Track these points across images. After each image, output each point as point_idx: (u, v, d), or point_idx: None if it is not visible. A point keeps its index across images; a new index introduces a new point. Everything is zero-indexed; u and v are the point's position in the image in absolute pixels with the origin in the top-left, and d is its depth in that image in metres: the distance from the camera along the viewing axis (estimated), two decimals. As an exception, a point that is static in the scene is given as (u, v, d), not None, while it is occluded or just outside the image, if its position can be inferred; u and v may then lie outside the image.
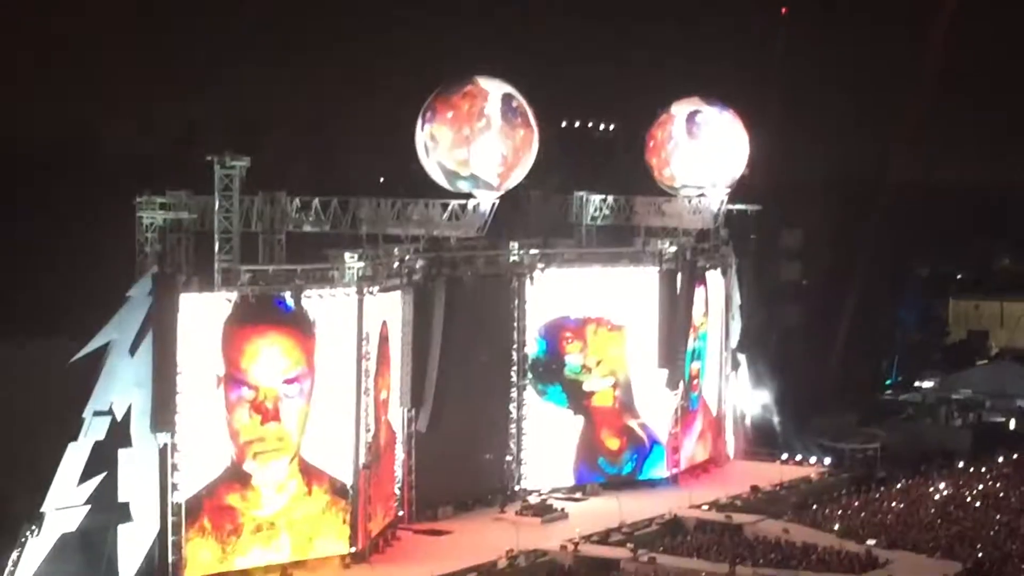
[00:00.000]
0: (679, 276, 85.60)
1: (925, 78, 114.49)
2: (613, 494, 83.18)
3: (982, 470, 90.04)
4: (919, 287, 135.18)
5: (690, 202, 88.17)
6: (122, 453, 64.46)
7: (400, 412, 76.37)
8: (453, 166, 73.67)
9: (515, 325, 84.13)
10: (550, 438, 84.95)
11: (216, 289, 67.47)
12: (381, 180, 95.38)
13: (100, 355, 65.18)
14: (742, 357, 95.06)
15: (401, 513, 77.28)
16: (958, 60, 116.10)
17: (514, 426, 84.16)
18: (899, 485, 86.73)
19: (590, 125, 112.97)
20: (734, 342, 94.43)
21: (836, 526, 76.54)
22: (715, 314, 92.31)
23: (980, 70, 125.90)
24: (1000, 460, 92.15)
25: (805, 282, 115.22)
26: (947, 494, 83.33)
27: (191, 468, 66.29)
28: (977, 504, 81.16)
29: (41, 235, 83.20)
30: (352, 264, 70.56)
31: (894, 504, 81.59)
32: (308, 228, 74.18)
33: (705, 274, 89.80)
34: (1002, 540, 73.15)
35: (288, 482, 69.22)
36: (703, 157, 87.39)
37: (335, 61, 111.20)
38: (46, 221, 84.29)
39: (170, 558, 65.72)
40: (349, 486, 70.52)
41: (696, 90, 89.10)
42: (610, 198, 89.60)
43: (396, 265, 74.38)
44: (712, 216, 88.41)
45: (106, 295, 67.04)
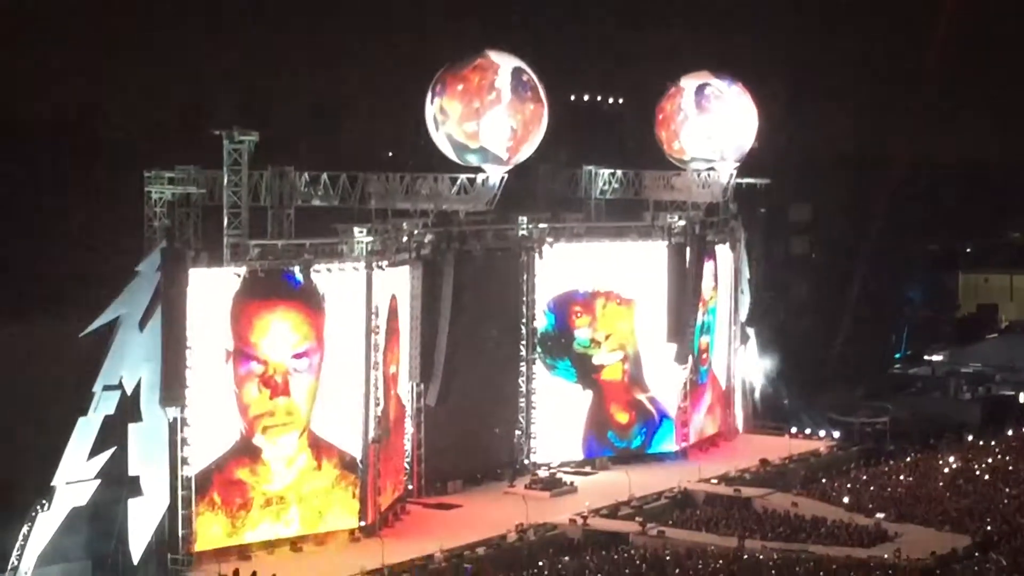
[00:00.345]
0: (688, 250, 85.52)
1: (935, 52, 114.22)
2: (622, 468, 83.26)
3: (991, 443, 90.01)
4: (928, 261, 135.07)
5: (699, 176, 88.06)
6: (132, 427, 64.62)
7: (409, 386, 76.47)
8: (462, 139, 73.61)
9: (524, 299, 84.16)
10: (559, 412, 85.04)
11: (225, 264, 67.51)
12: (390, 154, 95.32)
13: (110, 330, 65.29)
14: (751, 331, 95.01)
15: (410, 487, 77.45)
16: (969, 34, 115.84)
17: (523, 400, 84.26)
18: (908, 459, 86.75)
19: (599, 99, 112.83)
20: (743, 316, 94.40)
21: (845, 499, 76.56)
22: (724, 288, 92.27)
23: (991, 44, 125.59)
24: (1009, 433, 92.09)
25: (814, 256, 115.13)
26: (956, 467, 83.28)
27: (201, 442, 66.45)
28: (986, 477, 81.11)
29: (50, 210, 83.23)
30: (361, 239, 70.57)
31: (903, 477, 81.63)
32: (317, 203, 74.12)
33: (714, 248, 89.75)
34: (1011, 513, 73.11)
35: (297, 456, 69.33)
36: (712, 130, 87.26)
37: (344, 35, 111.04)
38: (55, 196, 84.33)
39: (180, 532, 65.96)
40: (358, 460, 70.63)
41: (706, 64, 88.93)
42: (619, 172, 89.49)
43: (405, 239, 74.37)
44: (721, 190, 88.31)
45: (115, 270, 67.12)
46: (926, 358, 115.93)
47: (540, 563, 66.87)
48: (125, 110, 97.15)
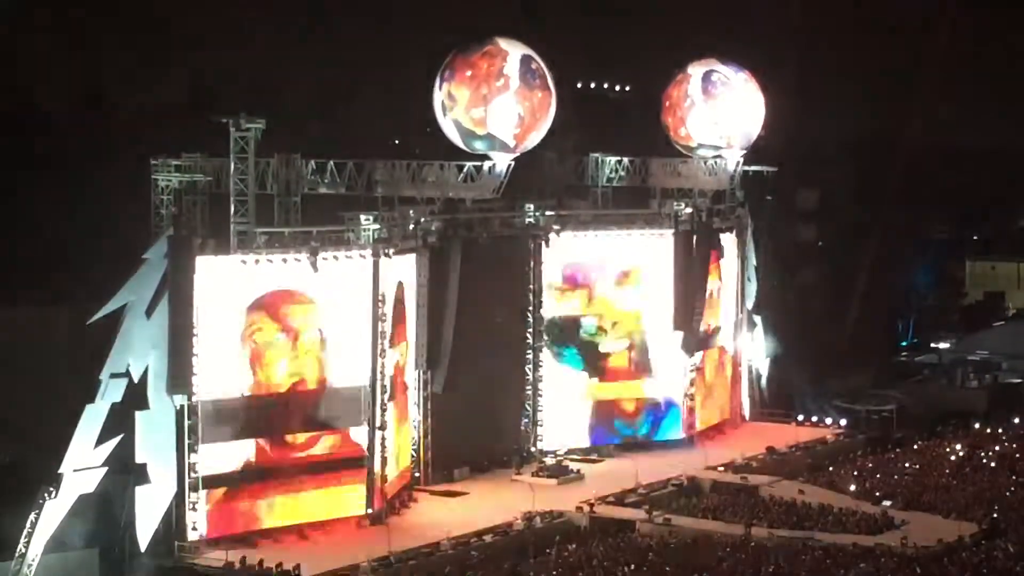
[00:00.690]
0: (695, 238, 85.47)
1: (943, 39, 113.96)
2: (629, 455, 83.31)
3: (998, 431, 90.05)
4: (935, 248, 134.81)
5: (706, 163, 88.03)
6: (139, 415, 64.66)
7: (416, 374, 76.48)
8: (470, 125, 73.55)
9: (530, 287, 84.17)
10: (566, 400, 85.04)
11: (232, 251, 67.54)
12: (396, 142, 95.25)
13: (117, 317, 65.32)
14: (758, 318, 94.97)
15: (417, 475, 77.50)
16: (976, 21, 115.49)
17: (530, 388, 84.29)
18: (915, 446, 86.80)
19: (605, 86, 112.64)
20: (750, 303, 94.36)
21: (852, 487, 76.61)
22: (731, 275, 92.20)
23: (998, 31, 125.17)
24: (1016, 421, 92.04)
25: (821, 243, 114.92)
26: (963, 455, 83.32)
27: (207, 429, 66.42)
28: (993, 465, 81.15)
29: (57, 198, 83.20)
30: (368, 226, 70.56)
31: (910, 465, 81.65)
32: (323, 190, 74.15)
33: (720, 237, 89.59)
34: (1018, 501, 73.18)
35: (306, 444, 69.41)
36: (719, 116, 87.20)
37: (351, 22, 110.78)
38: (62, 184, 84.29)
39: (187, 519, 66.02)
40: (365, 447, 70.68)
41: (713, 51, 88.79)
42: (625, 159, 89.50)
43: (412, 227, 74.38)
44: (728, 177, 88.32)
45: (122, 257, 67.12)
46: (933, 346, 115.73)
47: (547, 551, 66.98)
48: (131, 98, 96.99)
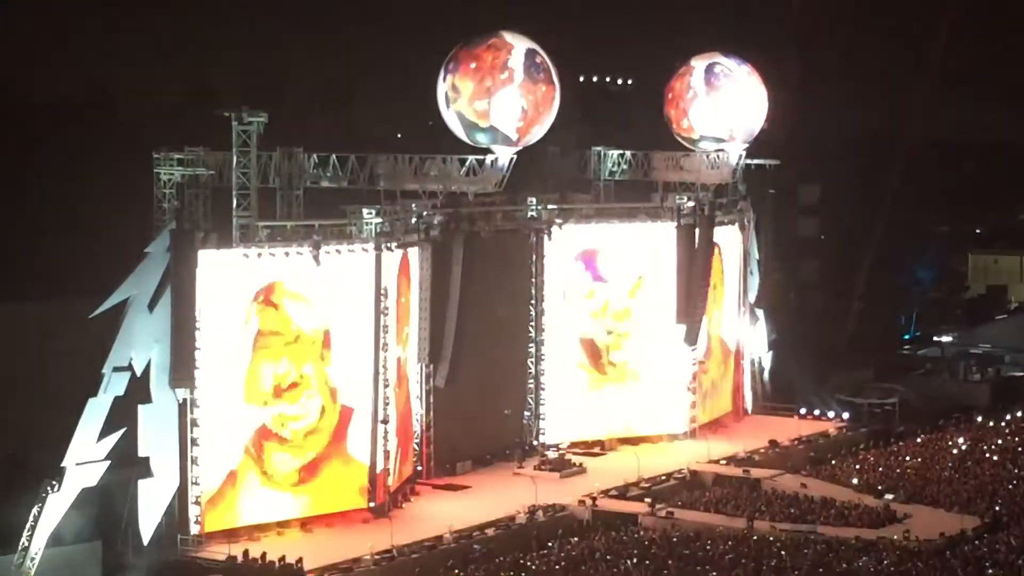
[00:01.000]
0: (697, 231, 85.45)
1: (944, 33, 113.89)
2: (631, 449, 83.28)
3: (1000, 424, 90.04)
4: (938, 242, 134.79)
5: (708, 157, 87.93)
6: (142, 409, 64.68)
7: (418, 367, 76.49)
8: (473, 117, 73.33)
9: (533, 280, 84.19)
10: (568, 393, 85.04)
11: (234, 245, 67.54)
12: (399, 136, 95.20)
13: (119, 311, 65.32)
14: (760, 312, 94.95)
15: (419, 468, 77.52)
16: (977, 15, 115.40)
17: (532, 381, 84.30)
18: (917, 440, 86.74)
19: (608, 80, 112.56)
20: (752, 297, 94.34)
21: (854, 480, 76.64)
22: (733, 269, 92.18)
23: (999, 25, 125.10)
24: (1019, 414, 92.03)
25: (823, 237, 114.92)
26: (965, 448, 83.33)
27: (210, 423, 66.50)
28: (995, 458, 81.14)
29: (60, 192, 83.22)
30: (370, 220, 70.58)
31: (912, 459, 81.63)
32: (326, 184, 74.03)
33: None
34: (1020, 494, 73.19)
35: (309, 436, 69.49)
36: (721, 108, 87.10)
37: (353, 16, 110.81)
38: (64, 178, 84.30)
39: (190, 512, 66.08)
40: (368, 441, 70.68)
41: (716, 45, 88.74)
42: (628, 153, 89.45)
43: (414, 221, 74.39)
44: (730, 171, 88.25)
45: (125, 251, 67.12)
46: (935, 339, 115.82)
47: (549, 544, 67.07)
48: (134, 92, 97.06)
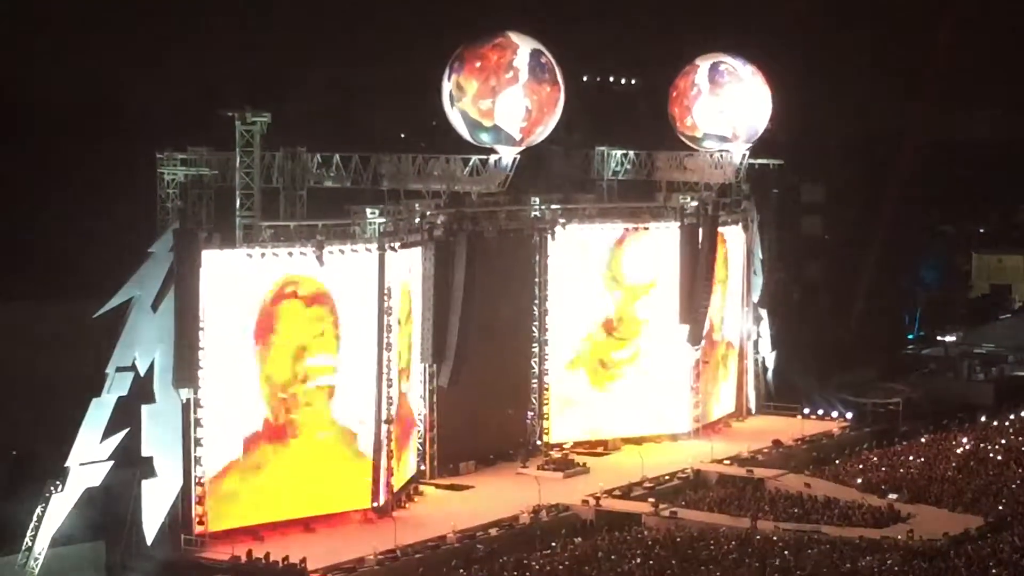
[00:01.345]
0: (700, 231, 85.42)
1: (948, 32, 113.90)
2: (635, 449, 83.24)
3: (1004, 424, 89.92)
4: (942, 241, 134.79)
5: (712, 156, 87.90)
6: (145, 409, 64.71)
7: (422, 368, 76.48)
8: (477, 116, 73.20)
9: (536, 280, 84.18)
10: (572, 393, 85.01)
11: (237, 245, 67.53)
12: (402, 135, 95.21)
13: (123, 311, 65.37)
14: (764, 312, 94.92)
15: (423, 468, 77.50)
16: (980, 13, 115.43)
17: (535, 381, 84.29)
18: (921, 439, 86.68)
19: (611, 79, 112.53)
20: (756, 297, 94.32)
21: (858, 480, 76.55)
22: (737, 269, 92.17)
23: (1002, 23, 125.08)
24: (1023, 414, 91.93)
25: (827, 236, 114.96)
26: (969, 448, 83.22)
27: (213, 423, 66.53)
28: (999, 458, 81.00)
29: (63, 192, 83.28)
30: (373, 220, 70.56)
31: (916, 458, 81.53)
32: (329, 184, 74.01)
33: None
34: (1024, 494, 73.19)
35: (312, 438, 69.48)
36: (725, 106, 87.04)
37: (356, 16, 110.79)
38: (67, 178, 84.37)
39: (193, 512, 66.10)
40: (371, 441, 70.69)
41: (720, 46, 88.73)
42: (631, 153, 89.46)
43: (417, 221, 74.36)
44: (734, 170, 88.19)
45: (128, 251, 67.16)
46: (939, 339, 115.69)
47: (553, 544, 67.00)
48: (137, 92, 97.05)
